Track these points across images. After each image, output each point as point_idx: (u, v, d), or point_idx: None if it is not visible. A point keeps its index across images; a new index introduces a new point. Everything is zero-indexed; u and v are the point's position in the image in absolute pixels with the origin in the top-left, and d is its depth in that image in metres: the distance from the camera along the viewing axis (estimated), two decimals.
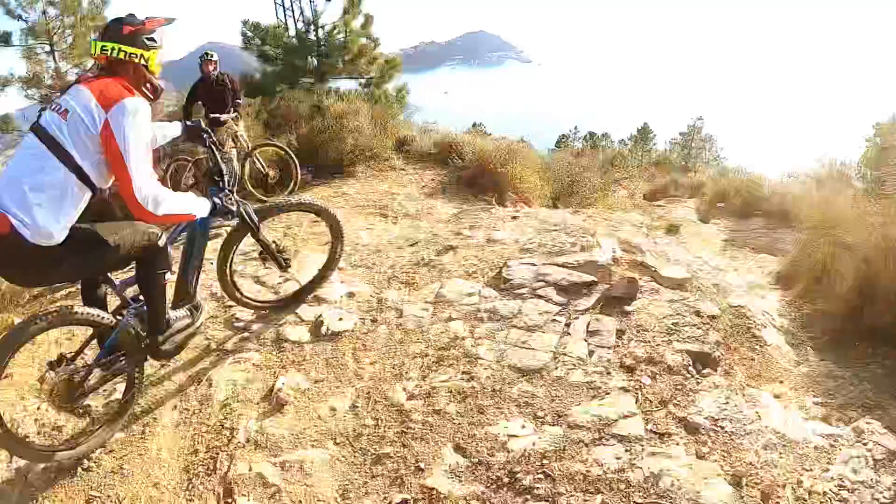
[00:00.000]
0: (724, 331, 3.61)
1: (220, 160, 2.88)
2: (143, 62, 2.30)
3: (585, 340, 2.98)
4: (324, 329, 3.37)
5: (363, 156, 7.87)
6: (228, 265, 3.25)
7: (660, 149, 26.63)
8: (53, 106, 2.18)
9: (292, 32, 12.03)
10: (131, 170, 2.13)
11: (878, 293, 3.74)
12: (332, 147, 7.85)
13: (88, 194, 2.20)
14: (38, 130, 2.13)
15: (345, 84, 12.64)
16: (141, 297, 2.62)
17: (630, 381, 2.80)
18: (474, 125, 33.20)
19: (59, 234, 2.10)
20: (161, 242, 2.49)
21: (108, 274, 2.56)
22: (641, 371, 2.86)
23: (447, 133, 8.49)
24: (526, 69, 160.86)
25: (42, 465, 2.53)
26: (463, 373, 2.92)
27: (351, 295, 3.77)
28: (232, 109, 6.18)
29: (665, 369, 2.89)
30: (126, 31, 2.27)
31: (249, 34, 11.94)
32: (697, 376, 2.89)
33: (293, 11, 12.17)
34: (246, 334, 3.44)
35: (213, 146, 2.92)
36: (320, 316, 3.46)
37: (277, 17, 12.36)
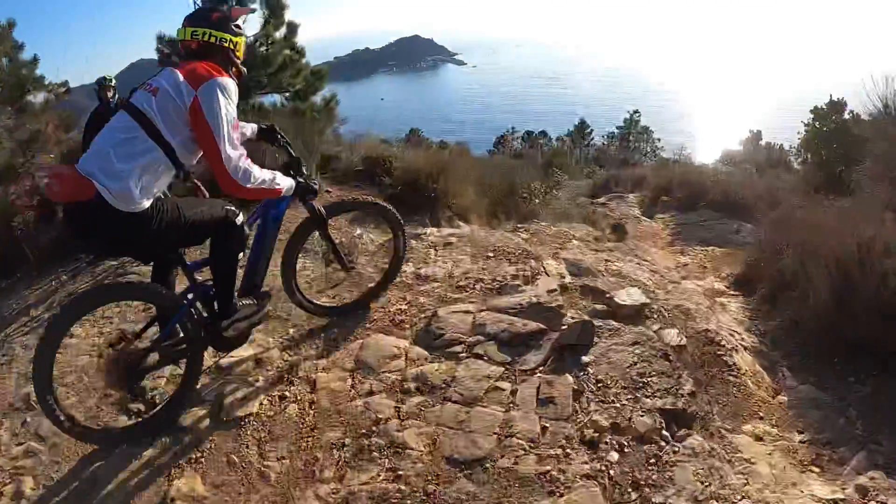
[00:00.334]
0: (694, 364, 3.14)
1: (293, 152, 2.87)
2: (231, 46, 2.38)
3: (536, 413, 2.39)
4: (223, 413, 2.68)
5: None
6: (293, 262, 3.10)
7: (598, 143, 26.79)
8: (144, 85, 2.23)
9: None
10: (220, 144, 2.19)
11: (855, 305, 3.35)
12: None
13: (173, 171, 2.25)
14: (128, 107, 2.18)
15: (273, 99, 11.80)
16: (208, 282, 2.59)
17: (594, 459, 2.23)
18: (412, 131, 32.80)
19: (141, 203, 2.12)
20: (238, 220, 2.49)
21: (181, 252, 2.54)
22: (607, 444, 2.30)
23: (375, 146, 7.78)
24: (462, 72, 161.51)
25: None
26: (388, 469, 2.28)
27: (258, 362, 3.07)
28: None
29: (635, 438, 2.34)
30: (215, 17, 2.37)
31: (167, 51, 10.80)
32: (673, 442, 2.36)
33: None
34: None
35: (287, 144, 2.94)
36: (222, 393, 2.78)
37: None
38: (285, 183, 2.55)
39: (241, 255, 2.62)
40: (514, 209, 7.91)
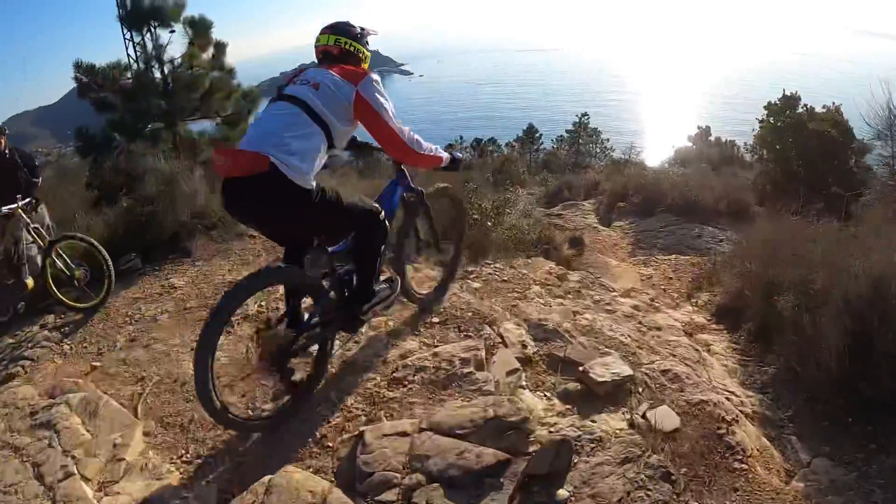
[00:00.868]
0: (693, 454, 2.51)
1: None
2: (362, 57, 2.68)
3: None
4: None
5: (205, 224, 6.20)
6: (402, 253, 3.20)
7: (547, 147, 26.56)
8: (297, 80, 2.47)
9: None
10: (391, 122, 2.53)
11: (873, 355, 2.80)
12: (167, 220, 6.11)
13: (326, 155, 2.45)
14: (290, 98, 2.38)
15: (202, 127, 10.78)
16: (344, 267, 2.73)
17: None
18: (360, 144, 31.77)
19: (310, 179, 2.30)
20: (381, 216, 2.65)
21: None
22: None
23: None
24: (409, 82, 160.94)
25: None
26: None
27: None
28: (24, 195, 4.66)
29: None
30: (355, 32, 2.68)
31: (84, 79, 9.61)
32: None
33: (145, 45, 10.00)
34: None
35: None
36: None
37: (128, 54, 10.09)
38: (444, 154, 2.92)
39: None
40: (461, 236, 7.23)
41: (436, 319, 3.25)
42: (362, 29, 2.72)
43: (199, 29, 9.91)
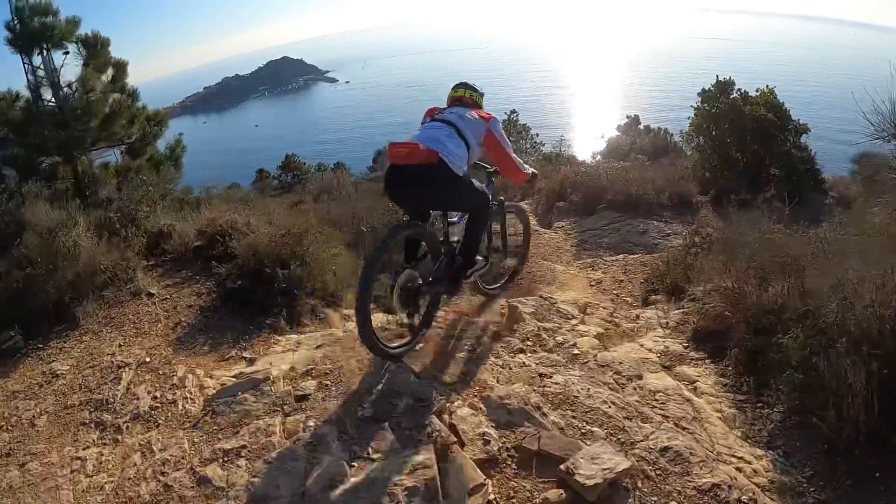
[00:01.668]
0: None
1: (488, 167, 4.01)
2: (481, 104, 3.72)
3: None
4: None
5: (95, 284, 5.13)
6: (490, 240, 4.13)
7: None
8: (448, 112, 3.47)
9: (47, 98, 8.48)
10: (510, 152, 3.60)
11: None
12: (49, 284, 5.01)
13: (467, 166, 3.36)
14: (444, 121, 3.34)
15: (107, 157, 9.48)
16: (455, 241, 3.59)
17: None
18: (287, 157, 30.28)
19: (460, 169, 3.19)
20: (490, 200, 3.64)
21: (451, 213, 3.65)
22: None
23: (216, 214, 5.95)
24: (334, 89, 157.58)
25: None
26: None
27: None
28: None
29: None
30: (478, 89, 3.73)
31: None
32: None
33: (35, 70, 8.60)
34: None
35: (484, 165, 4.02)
36: None
37: (28, 82, 8.63)
38: (531, 171, 3.89)
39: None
40: (396, 264, 6.47)
41: (366, 407, 2.49)
42: (479, 88, 3.76)
43: (95, 48, 8.67)
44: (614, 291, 6.73)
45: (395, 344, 3.14)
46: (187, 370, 3.79)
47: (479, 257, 3.62)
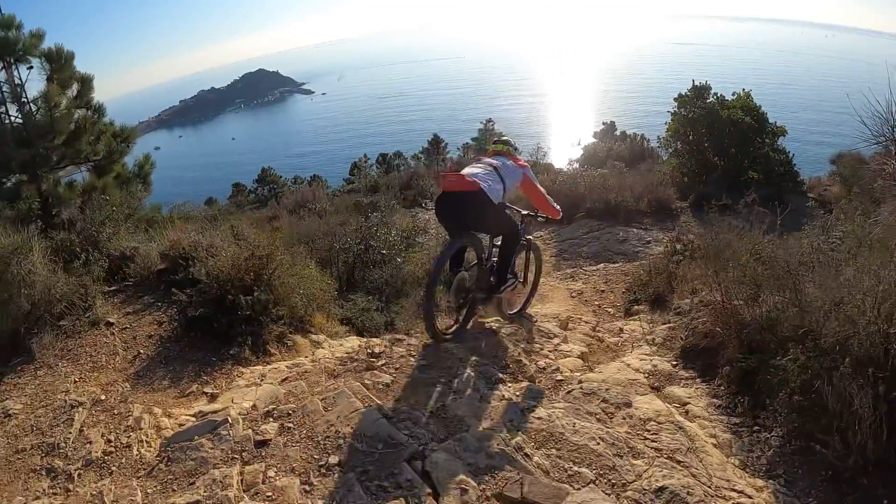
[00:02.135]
0: None
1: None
2: (516, 154, 4.32)
3: None
4: None
5: (52, 314, 4.75)
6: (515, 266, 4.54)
7: (454, 157, 25.94)
8: (492, 157, 4.12)
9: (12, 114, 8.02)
10: (544, 195, 4.23)
11: None
12: (4, 315, 4.62)
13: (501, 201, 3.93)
14: (487, 163, 3.97)
15: (73, 177, 9.03)
16: (492, 260, 4.17)
17: None
18: (263, 171, 29.87)
19: (497, 198, 3.76)
20: (521, 228, 4.27)
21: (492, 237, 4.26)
22: None
23: (180, 236, 5.63)
24: (310, 101, 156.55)
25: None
26: None
27: None
28: None
29: None
30: (513, 143, 4.40)
31: None
32: None
33: (10, 88, 8.13)
34: None
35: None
36: None
37: None
38: (559, 208, 4.45)
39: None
40: (370, 283, 6.20)
41: (334, 460, 2.23)
42: (514, 142, 4.41)
43: (59, 62, 8.25)
44: (596, 302, 6.56)
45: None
46: (144, 409, 3.48)
47: (509, 276, 4.21)
